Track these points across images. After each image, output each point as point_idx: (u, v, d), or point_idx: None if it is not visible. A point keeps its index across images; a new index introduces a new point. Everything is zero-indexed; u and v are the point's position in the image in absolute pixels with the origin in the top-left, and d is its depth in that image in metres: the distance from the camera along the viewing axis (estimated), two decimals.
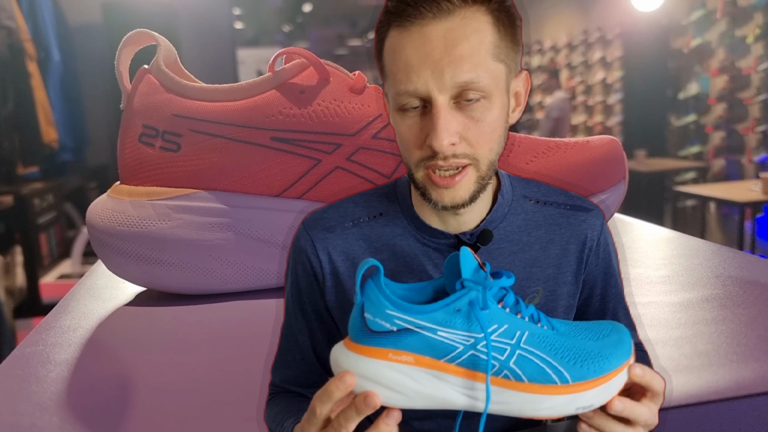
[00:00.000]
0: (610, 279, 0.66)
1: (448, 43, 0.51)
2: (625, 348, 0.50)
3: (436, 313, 0.46)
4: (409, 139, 0.55)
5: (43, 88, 3.12)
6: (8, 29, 2.89)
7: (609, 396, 0.49)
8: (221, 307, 1.07)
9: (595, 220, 0.64)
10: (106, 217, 1.07)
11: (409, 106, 0.53)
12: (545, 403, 0.47)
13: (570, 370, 0.47)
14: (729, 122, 4.90)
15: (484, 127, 0.53)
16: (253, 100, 1.06)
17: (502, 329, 0.47)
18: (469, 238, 0.60)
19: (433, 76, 0.51)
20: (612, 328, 0.51)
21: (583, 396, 0.48)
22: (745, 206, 3.63)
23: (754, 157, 4.65)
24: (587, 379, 0.48)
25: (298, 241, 0.63)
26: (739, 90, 4.77)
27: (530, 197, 0.63)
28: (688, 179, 5.40)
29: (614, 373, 0.48)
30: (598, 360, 0.48)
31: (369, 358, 0.47)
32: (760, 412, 0.75)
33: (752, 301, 1.01)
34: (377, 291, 0.46)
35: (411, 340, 0.46)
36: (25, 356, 0.90)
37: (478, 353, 0.47)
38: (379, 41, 0.56)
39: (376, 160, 1.06)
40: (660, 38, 5.67)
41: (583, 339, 0.49)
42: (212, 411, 0.74)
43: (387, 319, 0.46)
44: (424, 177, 0.56)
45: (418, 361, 0.47)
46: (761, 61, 4.49)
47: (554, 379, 0.47)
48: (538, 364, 0.47)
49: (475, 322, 0.46)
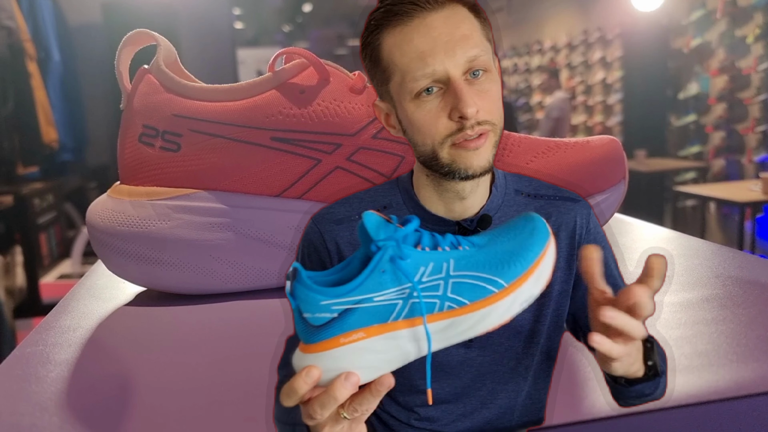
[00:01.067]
0: (606, 269, 0.67)
1: (451, 26, 0.57)
2: (540, 232, 0.52)
3: (364, 284, 0.47)
4: (430, 122, 0.58)
5: (43, 88, 3.12)
6: (8, 29, 2.89)
7: (545, 280, 0.51)
8: (221, 307, 1.07)
9: (583, 209, 0.68)
10: (106, 217, 1.07)
11: (425, 91, 0.58)
12: (492, 313, 0.50)
13: (501, 274, 0.49)
14: (729, 122, 4.91)
15: (491, 96, 0.59)
16: (253, 100, 1.07)
17: (429, 268, 0.49)
18: (469, 224, 0.64)
19: (446, 55, 0.56)
20: (524, 221, 0.53)
21: (521, 291, 0.50)
22: (745, 206, 3.63)
23: (754, 157, 4.66)
24: (520, 275, 0.50)
25: (307, 235, 0.66)
26: (739, 90, 4.78)
27: (522, 191, 0.68)
28: (688, 179, 5.41)
29: (540, 257, 0.51)
30: (522, 254, 0.50)
31: (324, 352, 0.47)
32: (760, 412, 0.75)
33: (752, 301, 1.01)
34: (305, 289, 0.47)
35: (354, 318, 0.47)
36: (25, 356, 0.90)
37: (415, 299, 0.48)
38: (373, 47, 0.60)
39: (376, 160, 1.06)
40: (660, 38, 5.67)
41: (503, 242, 0.51)
42: (212, 411, 0.74)
43: (324, 309, 0.47)
44: (450, 151, 0.59)
45: (368, 332, 0.48)
46: (761, 61, 4.50)
47: (491, 289, 0.49)
48: (473, 284, 0.49)
49: (402, 275, 0.48)
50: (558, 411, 0.70)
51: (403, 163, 1.06)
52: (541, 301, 0.65)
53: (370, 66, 0.62)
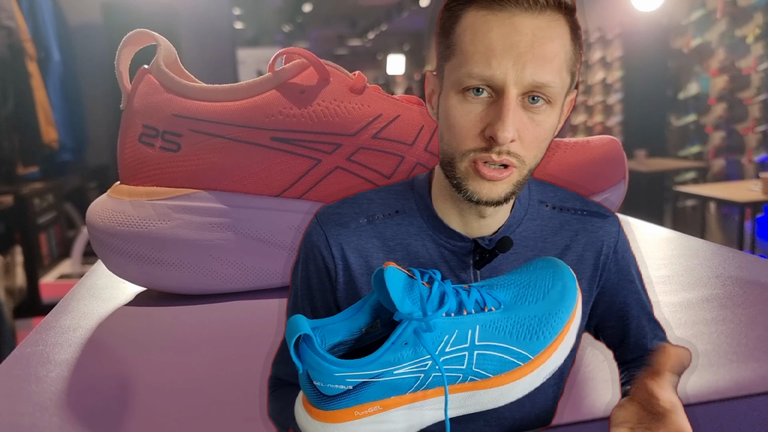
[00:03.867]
0: (630, 286, 0.65)
1: (536, 39, 0.50)
2: (570, 293, 0.48)
3: (384, 357, 0.44)
4: (464, 126, 0.52)
5: (43, 88, 3.12)
6: (8, 29, 2.89)
7: (570, 347, 0.48)
8: (221, 307, 1.07)
9: (611, 227, 0.63)
10: (106, 217, 1.07)
11: (473, 90, 0.51)
12: (515, 388, 0.47)
13: (527, 346, 0.46)
14: (729, 122, 4.91)
15: (540, 132, 0.52)
16: (253, 100, 1.07)
17: (454, 337, 0.45)
18: (487, 243, 0.59)
19: (514, 67, 0.50)
20: (553, 274, 0.49)
21: (547, 365, 0.47)
22: (745, 206, 3.63)
23: (754, 157, 4.66)
24: (545, 347, 0.47)
25: (310, 236, 0.61)
26: (739, 90, 4.78)
27: (547, 202, 0.63)
28: (688, 179, 5.41)
29: (569, 323, 0.48)
30: (549, 321, 0.47)
31: (337, 424, 0.45)
32: (760, 412, 0.75)
33: (752, 301, 1.01)
34: (318, 358, 0.43)
35: (371, 391, 0.44)
36: (25, 356, 0.90)
37: (437, 373, 0.45)
38: (452, 16, 0.53)
39: (376, 160, 1.06)
40: (660, 38, 5.67)
41: (530, 304, 0.48)
42: (212, 411, 0.74)
43: (339, 381, 0.44)
44: (467, 168, 0.53)
45: (385, 405, 0.45)
46: (761, 61, 4.50)
47: (516, 362, 0.46)
48: (498, 356, 0.46)
49: (422, 347, 0.44)
50: (558, 411, 0.70)
51: (403, 163, 1.06)
52: None
53: (441, 34, 0.55)
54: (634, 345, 0.67)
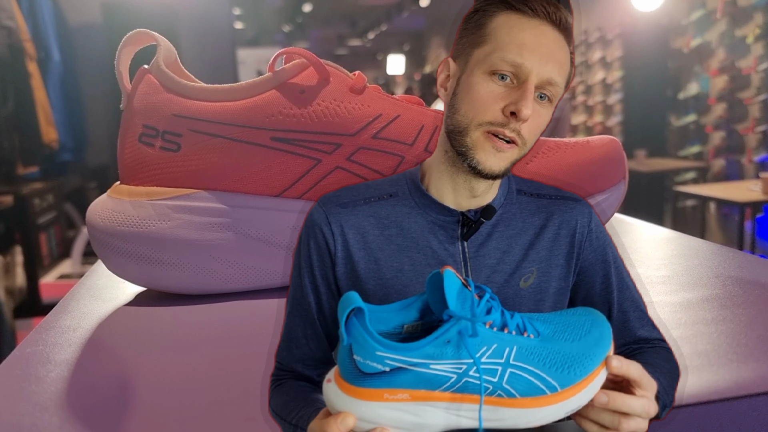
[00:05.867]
0: (609, 268, 0.70)
1: (556, 46, 0.61)
2: (604, 341, 0.51)
3: (426, 348, 0.46)
4: (486, 101, 0.61)
5: (43, 88, 3.12)
6: (8, 29, 2.89)
7: (594, 392, 0.50)
8: (221, 307, 1.07)
9: (584, 208, 0.70)
10: (106, 217, 1.07)
11: (501, 74, 0.60)
12: (537, 414, 0.49)
13: (558, 378, 0.49)
14: (729, 122, 4.90)
15: (540, 122, 0.62)
16: (253, 100, 1.06)
17: (491, 350, 0.48)
18: (473, 215, 0.65)
19: (539, 62, 0.60)
20: (592, 322, 0.53)
21: (572, 400, 0.49)
22: (745, 206, 3.63)
23: (754, 157, 4.66)
24: (574, 383, 0.49)
25: (311, 216, 0.67)
26: (739, 90, 4.77)
27: (524, 191, 0.70)
28: (688, 179, 5.40)
29: (597, 370, 0.50)
30: (582, 361, 0.50)
31: (365, 402, 0.47)
32: (760, 412, 0.75)
33: (752, 301, 1.01)
34: (365, 333, 0.46)
35: (405, 378, 0.47)
36: (25, 356, 0.90)
37: (470, 378, 0.47)
38: (485, 14, 0.63)
39: (376, 160, 1.06)
40: (660, 38, 5.67)
41: (567, 341, 0.51)
42: (212, 411, 0.74)
43: (378, 360, 0.46)
44: (479, 137, 0.61)
45: (414, 396, 0.47)
46: (761, 61, 4.50)
47: (544, 390, 0.49)
48: (529, 379, 0.48)
49: (464, 349, 0.47)
50: None
51: (403, 163, 1.06)
52: (539, 298, 0.66)
53: (471, 27, 0.63)
54: (618, 330, 0.69)
